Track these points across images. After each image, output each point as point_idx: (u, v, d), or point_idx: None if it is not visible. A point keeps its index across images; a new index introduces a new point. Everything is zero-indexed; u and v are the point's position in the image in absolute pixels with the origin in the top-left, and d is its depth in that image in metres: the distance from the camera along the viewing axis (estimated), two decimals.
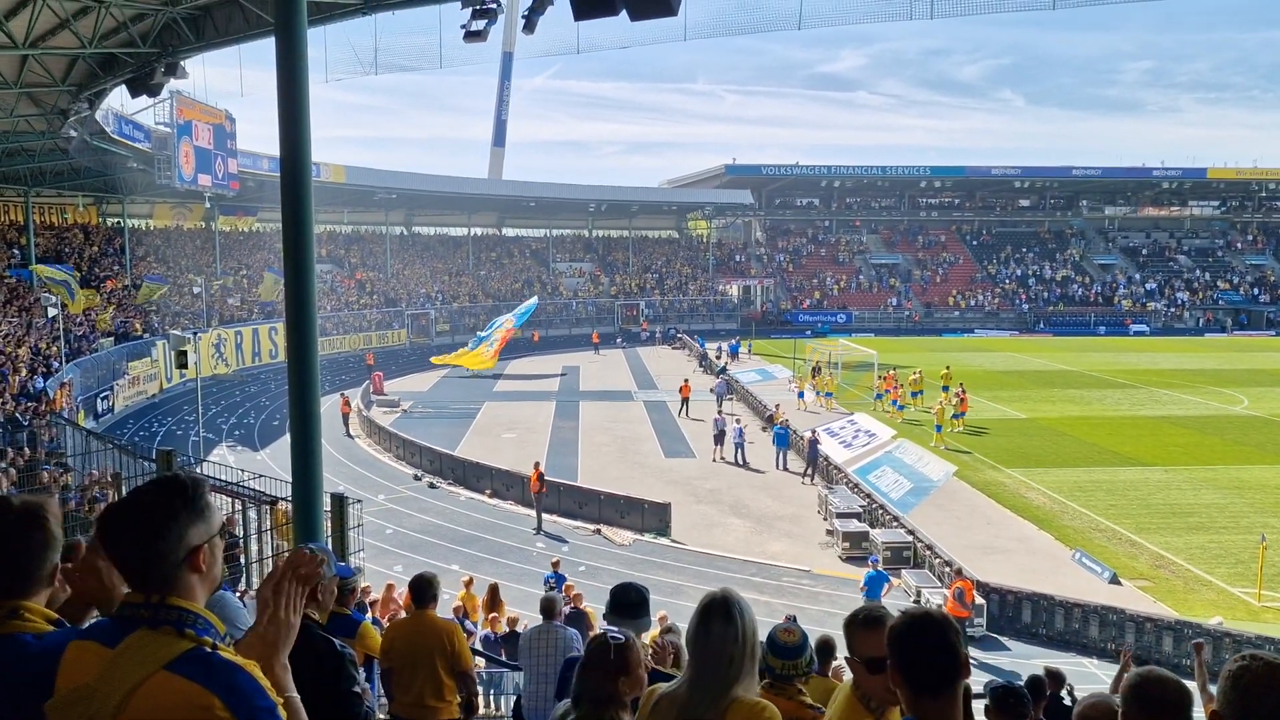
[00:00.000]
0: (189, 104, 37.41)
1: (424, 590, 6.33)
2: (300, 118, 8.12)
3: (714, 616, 2.64)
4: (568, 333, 63.35)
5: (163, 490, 2.06)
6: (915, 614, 2.45)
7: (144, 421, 34.05)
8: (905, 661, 2.40)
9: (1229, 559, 20.35)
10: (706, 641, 2.64)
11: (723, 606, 2.66)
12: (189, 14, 18.42)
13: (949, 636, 2.39)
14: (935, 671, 2.38)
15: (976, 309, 72.71)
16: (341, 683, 3.90)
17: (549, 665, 6.73)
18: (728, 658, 2.61)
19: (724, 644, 2.61)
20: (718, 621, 2.63)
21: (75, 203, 49.45)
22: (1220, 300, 73.26)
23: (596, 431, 33.70)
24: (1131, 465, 28.09)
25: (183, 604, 2.01)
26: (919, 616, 2.43)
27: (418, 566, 19.00)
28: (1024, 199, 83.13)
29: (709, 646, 2.64)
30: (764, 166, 75.71)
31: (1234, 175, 76.82)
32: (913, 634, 2.40)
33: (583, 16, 13.89)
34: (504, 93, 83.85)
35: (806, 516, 23.85)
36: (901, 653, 2.41)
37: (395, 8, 16.40)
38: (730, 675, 2.62)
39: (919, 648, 2.38)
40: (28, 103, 24.79)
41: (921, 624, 2.40)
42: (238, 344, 46.38)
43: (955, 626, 2.47)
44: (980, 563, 19.53)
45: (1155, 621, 16.31)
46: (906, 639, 2.41)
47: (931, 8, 14.50)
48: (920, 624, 2.40)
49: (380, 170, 58.53)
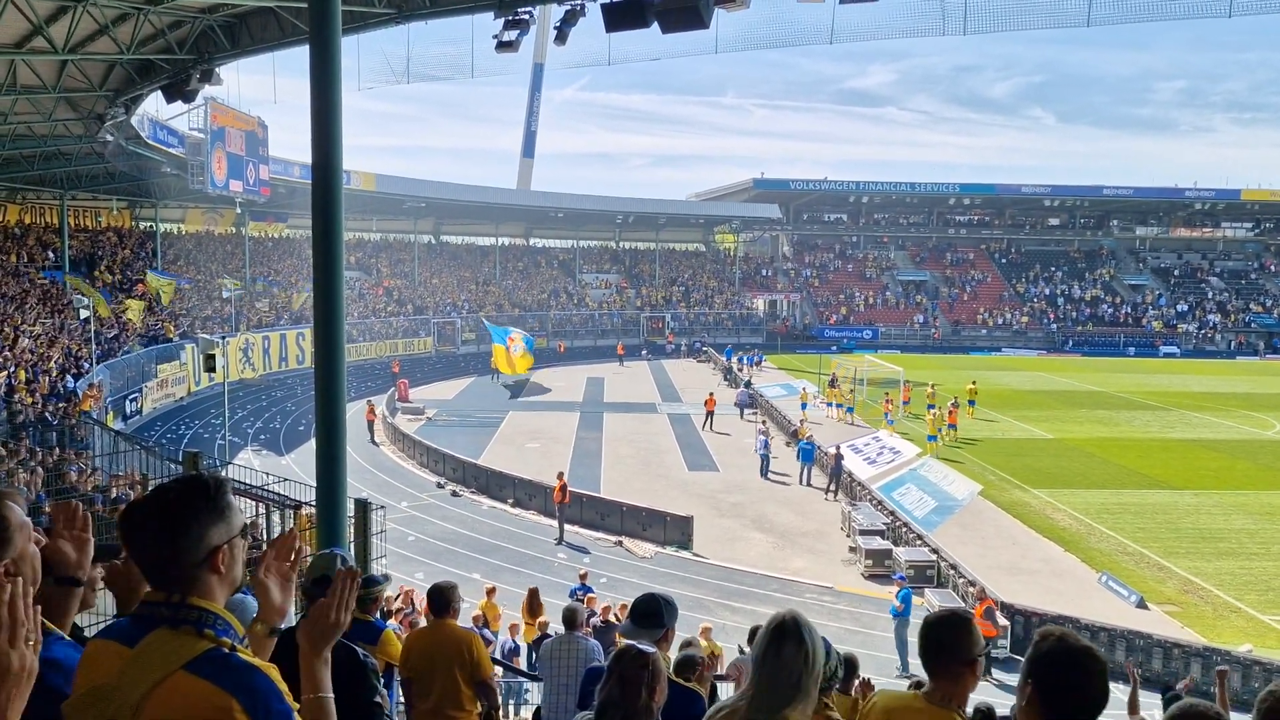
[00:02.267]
0: (222, 110, 37.83)
1: (443, 599, 6.32)
2: (332, 125, 8.17)
3: (786, 638, 2.62)
4: (593, 344, 63.42)
5: (185, 489, 2.06)
6: (1075, 643, 2.46)
7: (171, 424, 34.35)
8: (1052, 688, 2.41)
9: (1259, 585, 20.02)
10: (777, 663, 2.61)
11: (794, 629, 2.63)
12: (225, 21, 18.64)
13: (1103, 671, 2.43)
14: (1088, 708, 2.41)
15: (1004, 327, 72.17)
16: (363, 692, 3.89)
17: (570, 676, 6.70)
18: (795, 679, 2.59)
19: (793, 666, 2.59)
20: (789, 644, 2.60)
21: (109, 206, 50.05)
22: (1253, 323, 72.29)
23: (620, 443, 33.67)
24: (1160, 488, 27.73)
25: (203, 604, 2.01)
26: (1082, 648, 2.45)
27: (439, 574, 19.03)
28: (1054, 218, 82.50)
29: (780, 668, 2.61)
30: (792, 181, 75.59)
31: (1268, 197, 75.85)
32: (1076, 664, 2.42)
33: (614, 28, 13.96)
34: (534, 103, 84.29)
35: (830, 533, 23.70)
36: (1053, 680, 2.41)
37: (428, 17, 16.49)
38: (792, 696, 2.60)
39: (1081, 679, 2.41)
40: (65, 107, 25.14)
41: (1085, 655, 2.42)
42: (265, 349, 46.73)
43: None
44: (1005, 583, 19.32)
45: (1183, 648, 16.06)
46: (1063, 667, 2.42)
47: (964, 24, 14.41)
48: (1083, 655, 2.42)
49: (410, 179, 58.86)
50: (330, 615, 2.26)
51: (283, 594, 2.29)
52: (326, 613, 2.26)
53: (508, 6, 15.34)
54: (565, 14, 15.60)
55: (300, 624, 2.29)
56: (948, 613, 2.96)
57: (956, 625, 2.88)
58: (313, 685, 2.21)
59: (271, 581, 2.27)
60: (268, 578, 2.27)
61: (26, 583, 1.83)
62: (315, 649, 2.25)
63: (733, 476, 29.08)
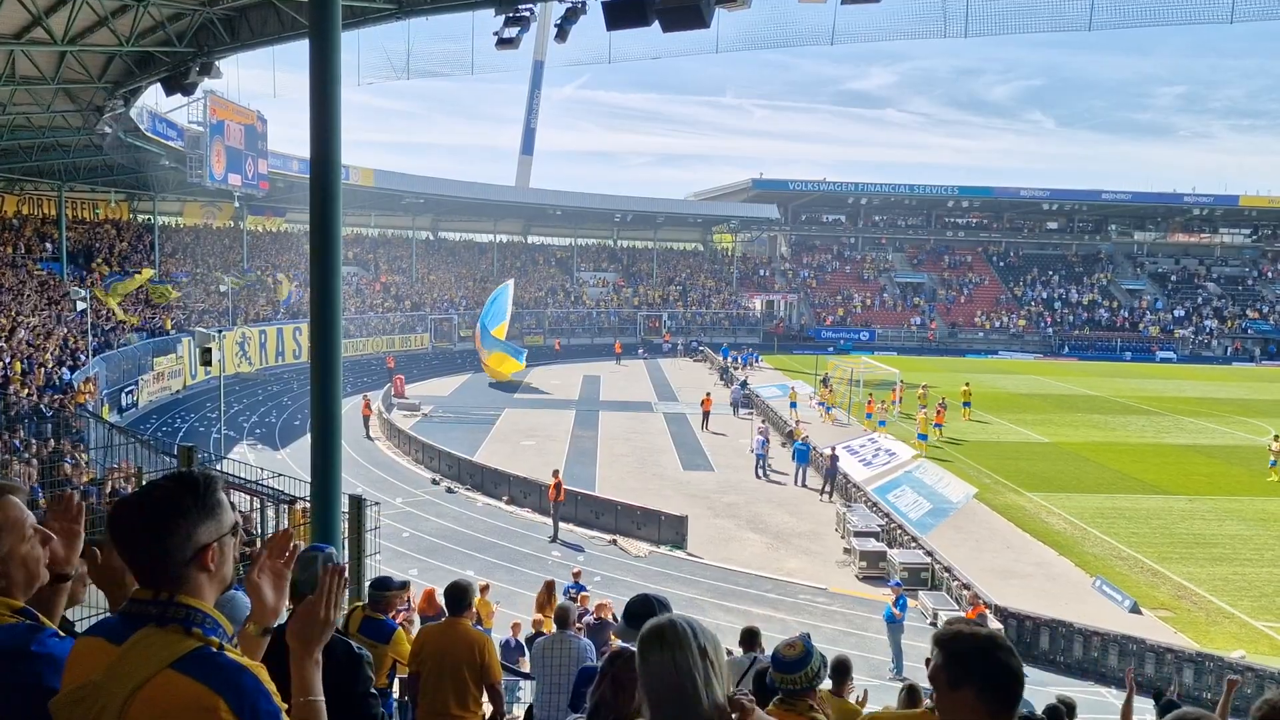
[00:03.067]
0: (222, 104, 37.77)
1: (459, 598, 6.31)
2: (331, 120, 8.15)
3: (650, 648, 2.31)
4: (589, 342, 63.44)
5: (174, 487, 2.04)
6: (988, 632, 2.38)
7: (167, 417, 34.30)
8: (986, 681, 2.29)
9: (1252, 591, 20.05)
10: (649, 678, 2.30)
11: (653, 637, 2.33)
12: (225, 15, 18.62)
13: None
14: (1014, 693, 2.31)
15: (1001, 330, 72.22)
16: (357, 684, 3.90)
17: (562, 675, 6.70)
18: (680, 693, 2.24)
19: (667, 677, 2.26)
20: (654, 652, 2.30)
21: (107, 199, 49.95)
22: (1249, 329, 72.39)
23: (616, 442, 33.67)
24: (1155, 493, 27.77)
25: (191, 602, 1.99)
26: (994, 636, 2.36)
27: (433, 570, 19.05)
28: (1052, 221, 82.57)
29: (655, 683, 2.29)
30: (791, 182, 75.58)
31: (1267, 203, 75.95)
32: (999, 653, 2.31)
33: (615, 26, 13.95)
34: (534, 101, 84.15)
35: (824, 534, 23.71)
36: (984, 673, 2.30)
37: (428, 13, 16.48)
38: (690, 711, 2.25)
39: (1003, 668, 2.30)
40: (64, 99, 25.08)
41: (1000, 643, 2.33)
42: (262, 343, 46.68)
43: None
44: (999, 587, 19.33)
45: (1176, 653, 16.08)
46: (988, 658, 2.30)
47: (966, 26, 14.42)
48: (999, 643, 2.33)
49: (408, 175, 58.83)
50: (319, 613, 2.19)
51: (276, 594, 2.23)
52: (315, 610, 2.19)
53: (509, 3, 15.33)
54: (566, 11, 15.60)
55: (288, 625, 2.23)
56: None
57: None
58: (303, 688, 2.14)
59: (265, 581, 2.21)
60: (261, 577, 2.21)
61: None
62: (306, 649, 2.17)
63: (728, 476, 29.08)
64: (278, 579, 2.24)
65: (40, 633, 2.21)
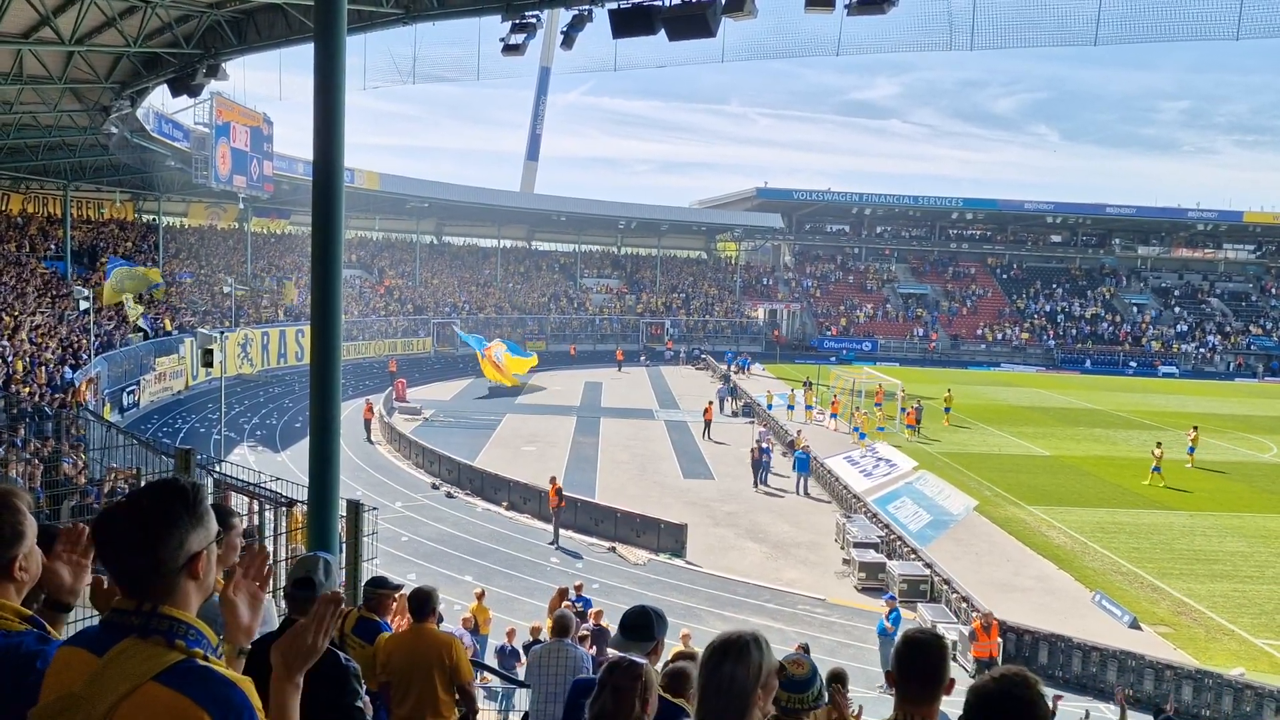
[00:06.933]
0: (228, 105, 37.85)
1: (423, 604, 6.29)
2: (335, 123, 8.15)
3: (726, 657, 2.55)
4: (592, 348, 63.39)
5: (163, 495, 2.01)
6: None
7: (168, 418, 34.30)
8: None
9: (1253, 608, 19.98)
10: (716, 682, 2.54)
11: (738, 648, 2.56)
12: (232, 17, 18.66)
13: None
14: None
15: (1004, 343, 72.17)
16: (345, 696, 3.88)
17: (558, 684, 6.67)
18: (740, 700, 2.51)
19: (734, 685, 2.52)
20: (729, 662, 2.54)
21: (113, 198, 50.06)
22: (1252, 345, 72.29)
23: (616, 449, 33.63)
24: (1156, 508, 27.69)
25: (175, 614, 1.96)
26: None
27: (431, 575, 19.00)
28: (1056, 235, 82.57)
29: (720, 687, 2.53)
30: (795, 191, 75.65)
31: (1271, 220, 75.92)
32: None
33: (621, 34, 13.96)
34: (539, 107, 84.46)
35: (824, 544, 23.65)
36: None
37: (435, 19, 16.50)
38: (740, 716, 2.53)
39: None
40: (71, 98, 25.12)
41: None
42: (264, 345, 46.70)
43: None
44: (998, 600, 19.25)
45: (1175, 669, 16.00)
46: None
47: (971, 39, 14.43)
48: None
49: (413, 179, 58.94)
50: (308, 639, 2.18)
51: (251, 613, 2.21)
52: (304, 636, 2.18)
53: (515, 9, 15.33)
54: (573, 19, 15.61)
55: (276, 643, 2.21)
56: (931, 636, 2.89)
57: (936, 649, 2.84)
58: (280, 712, 2.12)
59: (240, 600, 2.19)
60: (237, 595, 2.19)
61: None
62: (289, 671, 2.16)
63: (728, 485, 29.02)
64: (253, 599, 2.22)
65: (48, 644, 2.23)
